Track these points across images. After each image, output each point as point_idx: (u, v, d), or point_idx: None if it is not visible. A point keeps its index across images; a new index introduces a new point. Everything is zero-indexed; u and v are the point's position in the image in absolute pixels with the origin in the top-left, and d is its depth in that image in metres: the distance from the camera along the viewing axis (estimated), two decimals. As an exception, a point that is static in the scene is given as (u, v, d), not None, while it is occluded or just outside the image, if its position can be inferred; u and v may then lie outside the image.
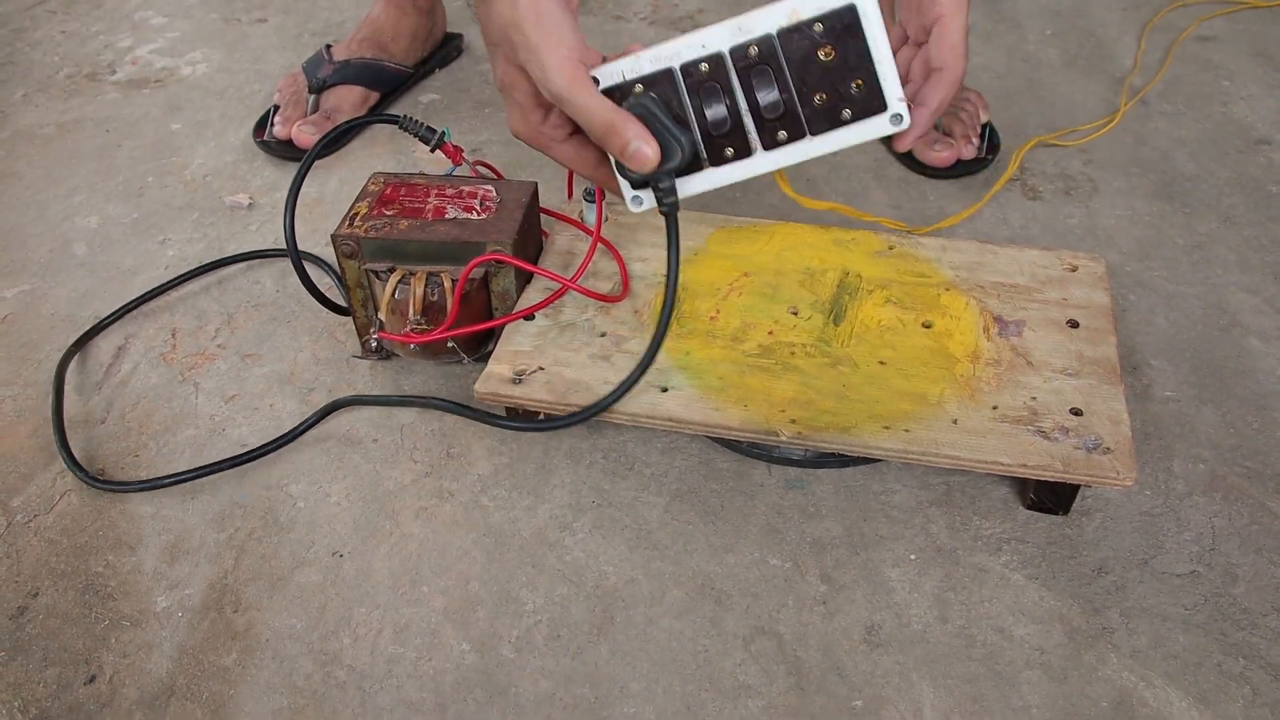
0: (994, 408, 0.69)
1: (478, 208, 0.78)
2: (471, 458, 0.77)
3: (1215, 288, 0.90)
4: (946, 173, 1.04)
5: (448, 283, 0.75)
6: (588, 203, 0.83)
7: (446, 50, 1.25)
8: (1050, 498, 0.71)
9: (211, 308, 0.92)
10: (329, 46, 1.15)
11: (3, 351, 0.87)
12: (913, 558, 0.70)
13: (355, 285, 0.79)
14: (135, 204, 1.05)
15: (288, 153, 1.09)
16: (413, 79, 1.21)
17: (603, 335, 0.76)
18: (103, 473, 0.77)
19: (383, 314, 0.77)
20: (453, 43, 1.27)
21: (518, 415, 0.76)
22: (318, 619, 0.67)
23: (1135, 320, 0.87)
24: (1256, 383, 0.81)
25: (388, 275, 0.76)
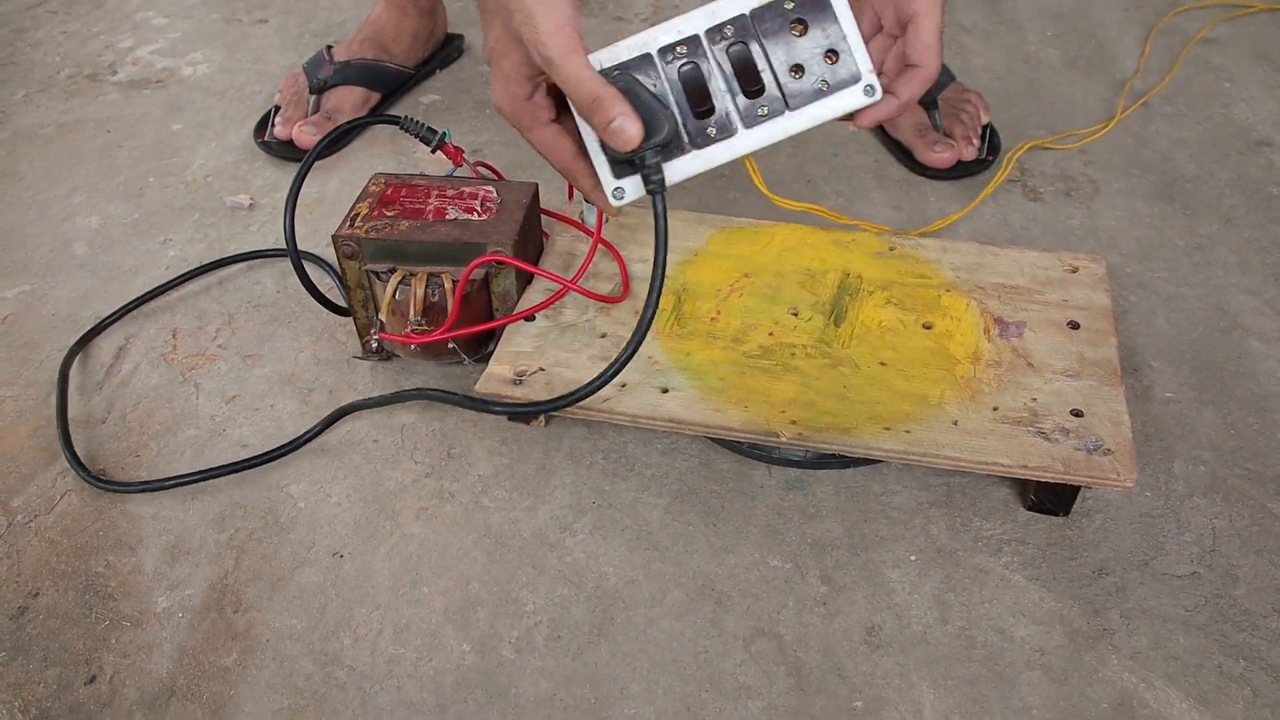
0: (994, 409, 0.69)
1: (478, 209, 0.78)
2: (472, 458, 0.77)
3: (1216, 289, 0.90)
4: (947, 174, 1.03)
5: (448, 283, 0.75)
6: (588, 204, 0.83)
7: (447, 51, 1.25)
8: (1051, 499, 0.71)
9: (212, 308, 0.92)
10: (330, 47, 1.15)
11: (3, 352, 0.87)
12: (913, 559, 0.70)
13: (356, 286, 0.79)
14: (136, 204, 1.05)
15: (288, 153, 1.09)
16: (414, 80, 1.21)
17: (603, 336, 0.76)
18: (103, 473, 0.77)
19: (383, 315, 0.77)
20: (454, 43, 1.27)
21: (518, 416, 0.76)
22: (318, 619, 0.67)
23: (1136, 321, 0.87)
24: (1257, 384, 0.81)
25: (388, 276, 0.76)
